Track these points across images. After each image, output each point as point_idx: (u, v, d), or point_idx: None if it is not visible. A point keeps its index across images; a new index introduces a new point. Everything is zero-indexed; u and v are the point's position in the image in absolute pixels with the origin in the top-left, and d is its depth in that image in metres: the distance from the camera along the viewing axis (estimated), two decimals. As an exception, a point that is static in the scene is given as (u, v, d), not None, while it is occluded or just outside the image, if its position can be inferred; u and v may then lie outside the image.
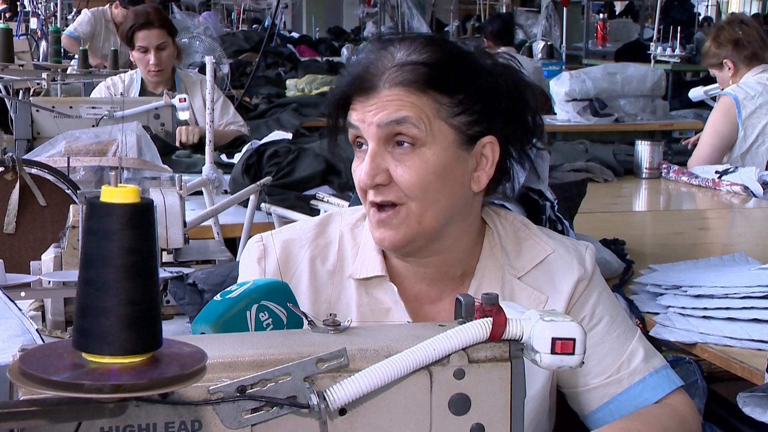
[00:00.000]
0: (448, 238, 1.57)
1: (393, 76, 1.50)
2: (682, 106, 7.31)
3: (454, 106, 1.51)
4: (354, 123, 1.53)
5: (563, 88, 5.69)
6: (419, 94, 1.49)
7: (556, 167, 3.67)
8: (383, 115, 1.49)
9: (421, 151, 1.49)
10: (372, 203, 1.53)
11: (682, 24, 10.81)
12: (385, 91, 1.50)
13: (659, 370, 1.63)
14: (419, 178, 1.49)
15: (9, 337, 1.47)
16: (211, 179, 3.33)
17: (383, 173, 1.50)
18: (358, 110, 1.52)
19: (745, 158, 4.21)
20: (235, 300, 1.23)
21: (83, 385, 0.79)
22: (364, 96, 1.52)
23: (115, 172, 0.99)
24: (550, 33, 12.14)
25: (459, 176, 1.53)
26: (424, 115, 1.49)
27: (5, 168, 2.70)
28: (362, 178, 1.51)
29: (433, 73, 1.50)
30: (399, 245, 1.54)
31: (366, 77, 1.52)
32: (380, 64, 1.52)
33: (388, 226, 1.52)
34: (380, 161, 1.50)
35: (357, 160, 1.56)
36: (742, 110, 4.22)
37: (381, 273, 1.59)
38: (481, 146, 1.55)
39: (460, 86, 1.52)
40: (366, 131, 1.51)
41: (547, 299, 1.61)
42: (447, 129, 1.51)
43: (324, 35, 14.13)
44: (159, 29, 4.71)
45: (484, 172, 1.56)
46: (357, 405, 1.04)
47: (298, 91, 6.87)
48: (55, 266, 2.16)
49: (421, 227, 1.52)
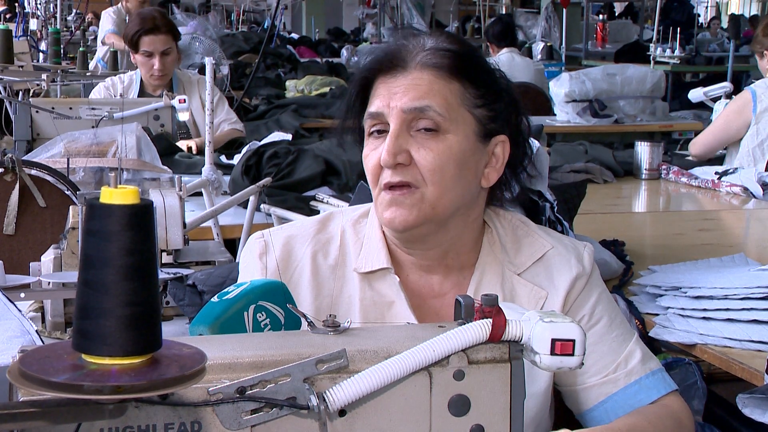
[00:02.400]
0: (452, 230, 1.59)
1: (426, 58, 1.54)
2: (681, 107, 7.33)
3: (477, 98, 1.55)
4: (377, 111, 1.54)
5: (563, 89, 5.69)
6: (448, 79, 1.53)
7: (555, 168, 3.67)
8: (408, 99, 1.52)
9: (444, 137, 1.52)
10: (386, 184, 1.53)
11: (682, 25, 10.83)
12: (415, 72, 1.54)
13: (655, 372, 1.64)
14: (441, 162, 1.52)
15: (9, 338, 1.47)
16: (211, 180, 3.33)
17: (404, 153, 1.52)
18: (383, 95, 1.54)
19: (756, 152, 4.20)
20: (232, 301, 1.23)
21: (83, 386, 0.79)
22: (391, 75, 1.55)
23: (114, 173, 0.99)
24: (550, 34, 12.17)
25: (473, 168, 1.57)
26: (449, 101, 1.53)
27: (5, 169, 2.71)
28: (384, 157, 1.52)
29: (464, 61, 1.55)
30: (410, 226, 1.54)
31: (398, 55, 1.56)
32: (411, 46, 1.57)
33: (401, 205, 1.53)
34: (402, 142, 1.52)
35: (371, 146, 1.57)
36: (758, 104, 4.21)
37: (386, 265, 1.60)
38: (495, 144, 1.58)
39: (484, 81, 1.57)
40: (390, 114, 1.53)
41: (546, 295, 1.62)
42: (470, 118, 1.55)
43: (324, 36, 14.14)
44: (165, 35, 4.71)
45: (494, 169, 1.59)
46: (357, 406, 1.04)
47: (298, 92, 6.87)
48: (54, 267, 2.16)
49: (434, 212, 1.54)
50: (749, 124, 4.22)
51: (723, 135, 4.31)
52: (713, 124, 4.44)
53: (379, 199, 1.56)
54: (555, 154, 4.25)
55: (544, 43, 9.46)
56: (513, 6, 15.82)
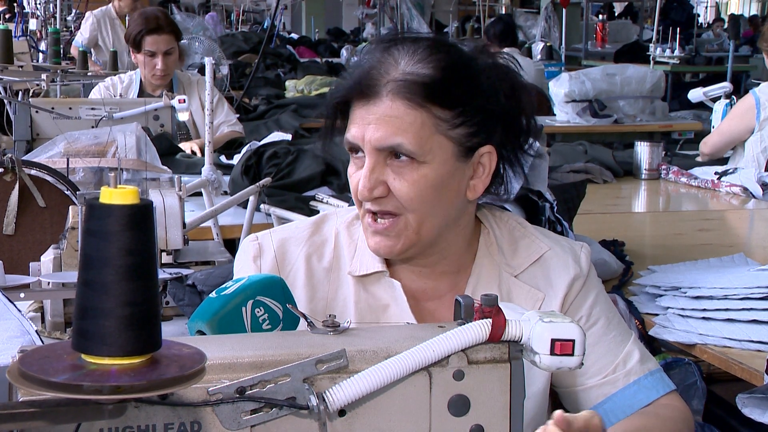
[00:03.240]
0: (442, 243, 1.58)
1: (396, 87, 1.48)
2: (681, 107, 7.32)
3: (454, 119, 1.50)
4: (352, 141, 1.52)
5: (562, 89, 5.69)
6: (420, 109, 1.48)
7: (555, 168, 3.67)
8: (380, 136, 1.48)
9: (419, 165, 1.49)
10: (368, 211, 1.53)
11: (682, 25, 10.84)
12: (387, 101, 1.49)
13: (654, 372, 1.64)
14: (418, 191, 1.50)
15: (8, 338, 1.47)
16: (211, 180, 3.33)
17: (381, 186, 1.50)
18: (357, 124, 1.51)
19: (759, 158, 4.20)
20: (231, 296, 1.23)
21: (82, 386, 0.79)
22: (364, 101, 1.51)
23: (114, 173, 0.99)
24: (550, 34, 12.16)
25: (455, 187, 1.54)
26: (422, 132, 1.48)
27: (5, 169, 2.70)
28: (360, 191, 1.51)
29: (436, 88, 1.48)
30: (396, 254, 1.55)
31: (368, 82, 1.50)
32: (383, 69, 1.51)
33: (385, 236, 1.53)
34: (378, 174, 1.50)
35: (353, 166, 1.56)
36: (762, 110, 4.20)
37: (381, 268, 1.59)
38: (479, 155, 1.55)
39: (462, 99, 1.51)
40: (364, 146, 1.51)
41: (543, 297, 1.61)
42: (446, 143, 1.51)
43: (323, 36, 14.14)
44: (168, 35, 4.72)
45: (480, 180, 1.56)
46: (356, 406, 1.04)
47: (298, 92, 6.87)
48: (54, 267, 2.16)
49: (418, 237, 1.53)
50: (752, 129, 4.23)
51: (728, 137, 4.32)
52: (720, 125, 4.45)
53: (365, 222, 1.55)
54: (555, 154, 4.25)
55: (543, 43, 9.45)
56: (513, 6, 15.82)
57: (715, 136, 4.41)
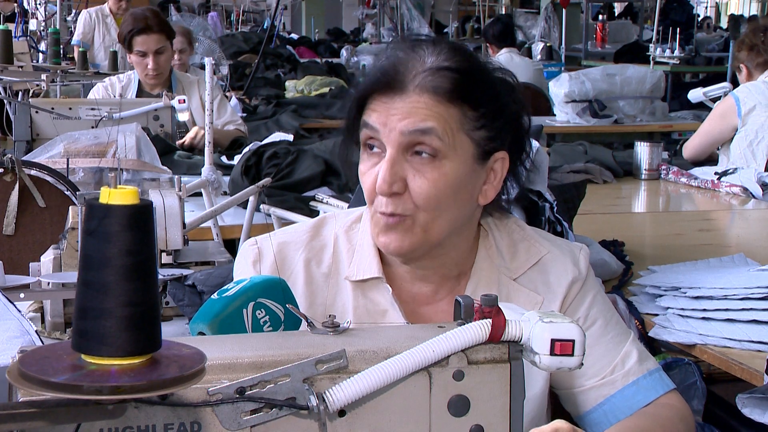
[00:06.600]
0: (448, 245, 1.57)
1: (425, 81, 1.47)
2: (681, 108, 7.32)
3: (476, 120, 1.49)
4: (373, 125, 1.49)
5: (562, 89, 5.69)
6: (447, 104, 1.47)
7: (555, 168, 3.68)
8: (409, 122, 1.46)
9: (441, 163, 1.48)
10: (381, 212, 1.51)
11: (682, 25, 10.83)
12: (414, 95, 1.47)
13: (652, 372, 1.63)
14: (436, 190, 1.48)
15: (8, 338, 1.47)
16: (211, 180, 3.33)
17: (400, 181, 1.48)
18: (379, 111, 1.49)
19: (746, 154, 4.23)
20: (232, 298, 1.23)
21: (82, 386, 0.79)
22: (389, 96, 1.48)
23: (114, 173, 0.99)
24: (549, 34, 12.17)
25: (470, 190, 1.53)
26: (449, 126, 1.47)
27: (4, 169, 2.70)
28: (380, 185, 1.48)
29: (464, 85, 1.48)
30: (404, 252, 1.53)
31: (395, 75, 1.48)
32: (410, 64, 1.49)
33: (396, 231, 1.51)
34: (399, 169, 1.48)
35: (367, 163, 1.52)
36: (742, 107, 4.26)
37: (378, 275, 1.59)
38: (494, 161, 1.54)
39: (485, 100, 1.50)
40: (386, 136, 1.48)
41: (542, 300, 1.61)
42: (468, 142, 1.50)
43: (323, 36, 14.14)
44: (158, 34, 4.73)
45: (492, 186, 1.56)
46: (356, 406, 1.04)
47: (298, 93, 6.88)
48: (54, 268, 2.16)
49: (426, 237, 1.52)
50: (734, 128, 4.30)
51: (707, 139, 4.45)
52: (700, 128, 4.56)
53: (374, 220, 1.53)
54: (554, 155, 4.25)
55: (543, 44, 9.46)
56: (512, 6, 15.82)
57: (695, 138, 4.50)
